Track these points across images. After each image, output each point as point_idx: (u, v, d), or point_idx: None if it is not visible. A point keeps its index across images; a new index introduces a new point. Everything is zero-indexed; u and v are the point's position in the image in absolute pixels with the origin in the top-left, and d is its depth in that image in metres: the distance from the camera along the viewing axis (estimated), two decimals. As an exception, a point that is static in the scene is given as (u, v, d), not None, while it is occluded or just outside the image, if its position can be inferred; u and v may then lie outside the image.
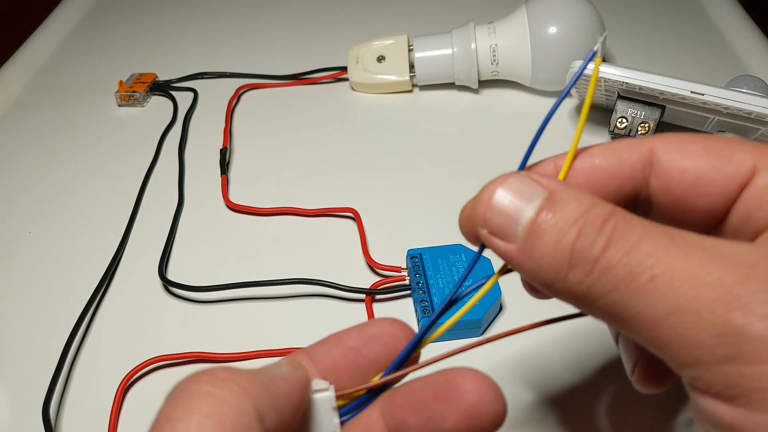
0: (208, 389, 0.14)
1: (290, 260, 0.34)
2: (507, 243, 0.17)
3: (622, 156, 0.18)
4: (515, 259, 0.17)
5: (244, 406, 0.14)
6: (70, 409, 0.29)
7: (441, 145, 0.41)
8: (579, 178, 0.18)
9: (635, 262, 0.15)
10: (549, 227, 0.16)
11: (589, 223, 0.15)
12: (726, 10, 0.52)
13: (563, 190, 0.16)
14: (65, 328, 0.31)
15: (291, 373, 0.17)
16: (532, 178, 0.17)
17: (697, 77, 0.35)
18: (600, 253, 0.15)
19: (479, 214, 0.17)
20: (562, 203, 0.16)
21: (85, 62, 0.51)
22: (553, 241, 0.16)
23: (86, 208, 0.38)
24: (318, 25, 0.54)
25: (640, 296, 0.14)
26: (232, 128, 0.44)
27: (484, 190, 0.17)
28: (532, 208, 0.16)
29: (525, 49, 0.41)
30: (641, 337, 0.15)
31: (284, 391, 0.16)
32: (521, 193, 0.17)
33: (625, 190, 0.18)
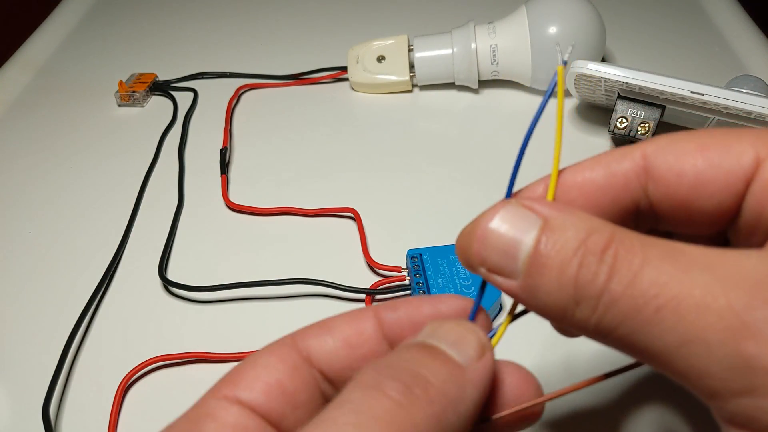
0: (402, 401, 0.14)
1: (290, 260, 0.34)
2: (508, 280, 0.16)
3: (612, 167, 0.17)
4: (519, 296, 0.16)
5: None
6: (70, 409, 0.29)
7: (441, 145, 0.41)
8: (571, 194, 0.17)
9: (639, 293, 0.14)
10: (549, 261, 0.15)
11: (590, 252, 0.14)
12: (726, 9, 0.52)
13: (558, 215, 0.15)
14: (65, 327, 0.31)
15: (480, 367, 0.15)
16: (524, 205, 0.16)
17: (697, 77, 0.35)
18: (603, 285, 0.14)
19: (474, 253, 0.16)
20: (560, 231, 0.15)
21: (85, 62, 0.51)
22: (555, 276, 0.15)
23: (86, 208, 0.38)
24: (318, 25, 0.54)
25: (648, 329, 0.14)
26: (232, 128, 0.44)
27: (476, 224, 0.16)
28: (528, 240, 0.15)
29: (525, 49, 0.41)
30: (660, 368, 0.14)
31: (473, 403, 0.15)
32: (515, 225, 0.15)
33: (622, 202, 0.17)
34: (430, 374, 0.14)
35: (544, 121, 0.46)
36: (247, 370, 0.16)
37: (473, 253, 0.16)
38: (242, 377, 0.16)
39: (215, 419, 0.15)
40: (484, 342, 0.16)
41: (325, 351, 0.17)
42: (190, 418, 0.15)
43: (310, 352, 0.17)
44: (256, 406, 0.16)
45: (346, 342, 0.17)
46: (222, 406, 0.15)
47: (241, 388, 0.16)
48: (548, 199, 0.16)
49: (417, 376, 0.14)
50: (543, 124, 0.46)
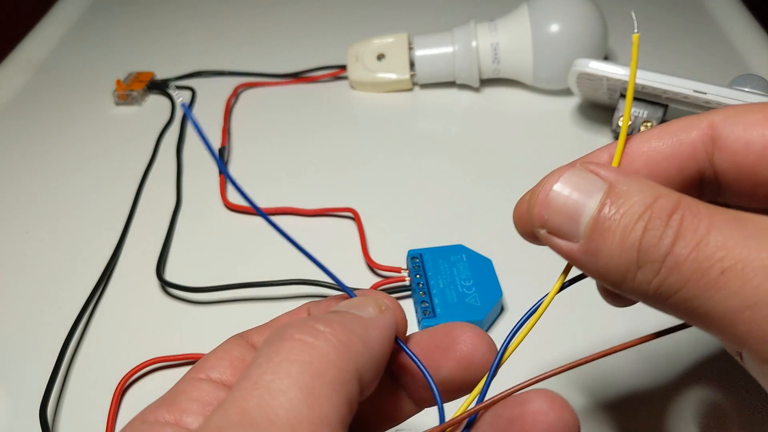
0: (311, 340, 0.14)
1: (289, 260, 0.34)
2: (569, 242, 0.16)
3: (680, 135, 0.17)
4: (579, 259, 0.16)
5: (344, 362, 0.14)
6: (67, 410, 0.28)
7: (442, 144, 0.41)
8: (636, 163, 0.18)
9: (704, 257, 0.14)
10: (613, 224, 0.15)
11: (656, 216, 0.14)
12: (729, 9, 0.52)
13: (624, 180, 0.15)
14: (63, 328, 0.31)
15: (379, 318, 0.16)
16: (589, 169, 0.16)
17: (700, 76, 0.34)
18: (668, 248, 0.14)
19: (536, 214, 0.16)
20: (625, 196, 0.15)
21: (82, 61, 0.51)
22: (618, 240, 0.15)
23: (84, 207, 0.38)
24: (317, 23, 0.53)
25: (711, 292, 0.14)
26: (230, 127, 0.43)
27: (540, 186, 0.16)
28: (592, 203, 0.15)
29: (526, 47, 0.41)
30: (717, 332, 0.14)
31: (378, 342, 0.16)
32: (580, 188, 0.16)
33: (687, 172, 0.17)
34: (335, 318, 0.15)
35: (545, 122, 0.45)
36: (209, 357, 0.17)
37: (535, 214, 0.16)
38: (207, 361, 0.17)
39: (188, 393, 0.16)
40: (383, 303, 0.17)
41: None
42: (166, 397, 0.16)
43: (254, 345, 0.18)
44: (225, 380, 0.16)
45: None
46: (193, 384, 0.16)
47: (207, 370, 0.17)
48: (615, 167, 0.16)
49: (320, 320, 0.15)
50: (545, 123, 0.45)
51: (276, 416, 0.13)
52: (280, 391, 0.13)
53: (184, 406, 0.15)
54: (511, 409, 0.16)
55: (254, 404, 0.13)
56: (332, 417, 0.13)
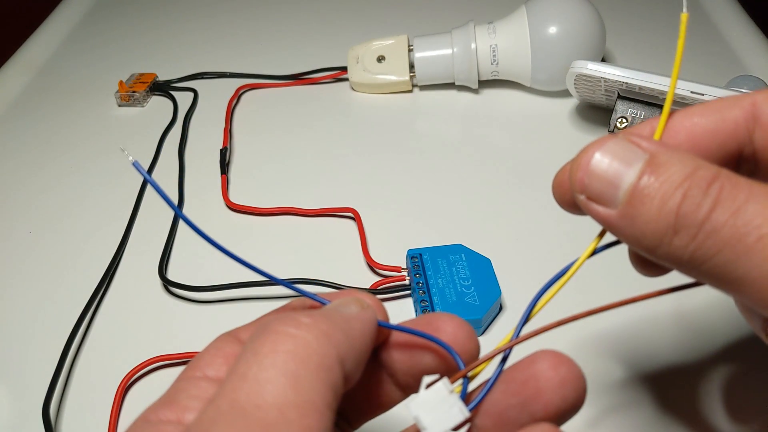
0: (294, 331, 0.15)
1: (290, 260, 0.34)
2: (607, 208, 0.16)
3: (724, 112, 0.18)
4: (616, 224, 0.16)
5: (326, 349, 0.15)
6: (70, 409, 0.29)
7: (441, 145, 0.41)
8: (679, 137, 0.18)
9: (742, 223, 0.14)
10: (652, 191, 0.15)
11: (695, 185, 0.15)
12: (726, 10, 0.52)
13: (665, 152, 0.16)
14: (65, 327, 0.31)
15: (361, 313, 0.17)
16: (631, 140, 0.16)
17: (697, 77, 0.35)
18: (706, 215, 0.15)
19: (577, 179, 0.17)
20: (665, 166, 0.15)
21: (85, 62, 0.51)
22: (657, 206, 0.15)
23: (86, 208, 0.38)
24: (318, 25, 0.54)
25: (747, 257, 0.14)
26: (232, 128, 0.44)
27: (582, 154, 0.17)
28: (633, 171, 0.16)
29: (525, 49, 0.41)
30: (750, 298, 0.15)
31: (359, 333, 0.16)
32: (621, 157, 0.16)
33: (728, 148, 0.18)
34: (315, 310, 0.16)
35: (543, 123, 0.45)
36: (203, 355, 0.18)
37: (576, 179, 0.17)
38: (201, 360, 0.17)
39: (187, 391, 0.16)
40: (364, 302, 0.17)
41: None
42: (165, 396, 0.17)
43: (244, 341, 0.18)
44: (221, 376, 0.17)
45: None
46: (191, 382, 0.17)
47: (202, 368, 0.17)
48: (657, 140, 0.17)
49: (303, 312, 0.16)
50: (543, 124, 0.46)
51: (264, 402, 0.13)
52: (267, 381, 0.14)
53: (184, 403, 0.16)
54: (522, 371, 0.17)
55: (243, 394, 0.14)
56: (318, 401, 0.14)
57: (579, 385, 0.17)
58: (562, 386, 0.16)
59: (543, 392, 0.17)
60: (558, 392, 0.16)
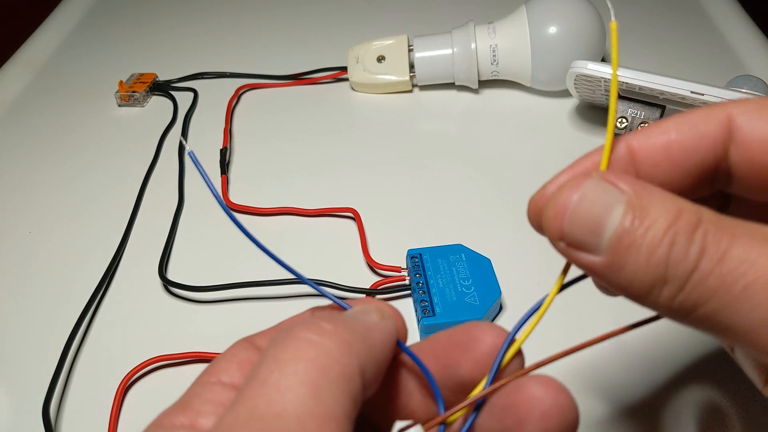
0: (316, 339, 0.15)
1: (290, 260, 0.34)
2: (590, 255, 0.15)
3: (700, 128, 0.17)
4: (602, 273, 0.15)
5: (347, 359, 0.15)
6: (70, 409, 0.29)
7: (441, 145, 0.41)
8: (656, 157, 0.17)
9: (727, 271, 0.14)
10: (639, 239, 0.15)
11: (681, 232, 0.14)
12: (726, 9, 0.52)
13: (645, 194, 0.15)
14: (65, 327, 0.31)
15: (381, 323, 0.17)
16: (607, 180, 0.16)
17: (697, 77, 0.35)
18: (694, 264, 0.14)
19: (555, 228, 0.16)
20: (648, 210, 0.15)
21: (85, 62, 0.51)
22: (645, 256, 0.15)
23: (86, 208, 0.38)
24: (318, 25, 0.54)
25: (735, 306, 0.14)
26: (232, 128, 0.44)
27: (557, 198, 0.16)
28: (615, 217, 0.15)
29: (525, 49, 0.41)
30: (741, 345, 0.14)
31: (379, 343, 0.16)
32: (599, 201, 0.15)
33: (705, 164, 0.17)
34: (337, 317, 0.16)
35: (543, 123, 0.45)
36: (219, 360, 0.17)
37: (553, 227, 0.16)
38: (217, 365, 0.17)
39: (201, 396, 0.16)
40: (385, 312, 0.17)
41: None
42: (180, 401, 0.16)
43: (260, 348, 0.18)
44: (236, 383, 0.16)
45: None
46: (206, 388, 0.16)
47: (218, 374, 0.17)
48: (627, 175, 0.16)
49: (325, 318, 0.15)
50: (543, 124, 0.46)
51: (284, 411, 0.13)
52: (288, 389, 0.14)
53: (197, 408, 0.16)
54: (506, 398, 0.16)
55: (263, 402, 0.14)
56: (338, 411, 0.14)
57: (568, 416, 0.16)
58: (545, 418, 0.15)
59: (525, 422, 0.16)
60: (540, 424, 0.15)
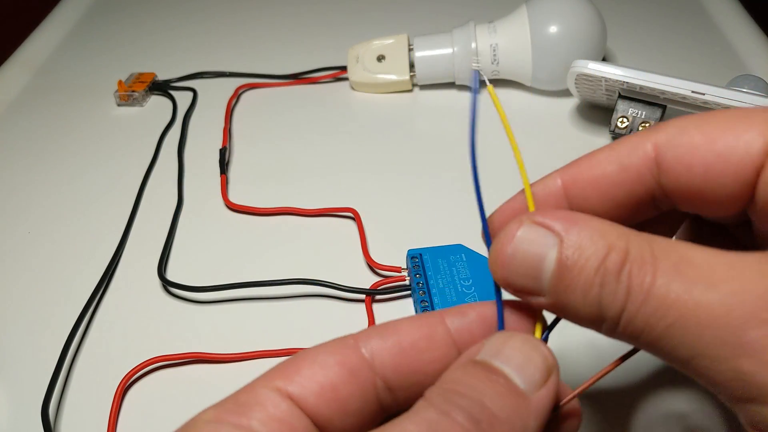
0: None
1: (290, 260, 0.34)
2: (538, 297, 0.16)
3: (623, 161, 0.18)
4: (553, 311, 0.16)
5: None
6: (69, 409, 0.28)
7: (441, 145, 0.41)
8: (586, 191, 0.18)
9: (650, 312, 0.14)
10: (572, 282, 0.15)
11: (609, 272, 0.15)
12: (727, 9, 0.52)
13: (574, 231, 0.15)
14: (65, 328, 0.31)
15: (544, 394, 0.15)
16: (538, 223, 0.16)
17: (698, 77, 0.35)
18: (622, 305, 0.15)
19: (500, 278, 0.16)
20: (579, 249, 0.15)
21: (84, 62, 0.51)
22: (580, 297, 0.15)
23: (85, 208, 0.38)
24: (317, 25, 0.54)
25: (662, 343, 0.15)
26: (231, 128, 0.43)
27: (494, 248, 0.16)
28: (549, 261, 0.15)
29: (525, 48, 0.41)
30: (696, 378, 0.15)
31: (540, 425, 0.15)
32: (533, 248, 0.16)
33: (637, 193, 0.18)
34: (496, 407, 0.14)
35: (543, 122, 0.45)
36: (303, 367, 0.16)
37: (498, 277, 0.16)
38: (298, 372, 0.16)
39: (264, 409, 0.15)
40: (551, 364, 0.16)
41: (390, 356, 0.17)
42: (240, 401, 0.15)
43: (374, 357, 0.17)
44: (306, 405, 0.15)
45: (414, 348, 0.17)
46: (273, 397, 0.15)
47: (294, 384, 0.16)
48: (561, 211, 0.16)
49: (484, 408, 0.14)
50: (543, 124, 0.45)
51: None
52: None
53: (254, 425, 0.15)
54: None
55: None
56: None
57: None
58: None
59: None
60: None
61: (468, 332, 0.17)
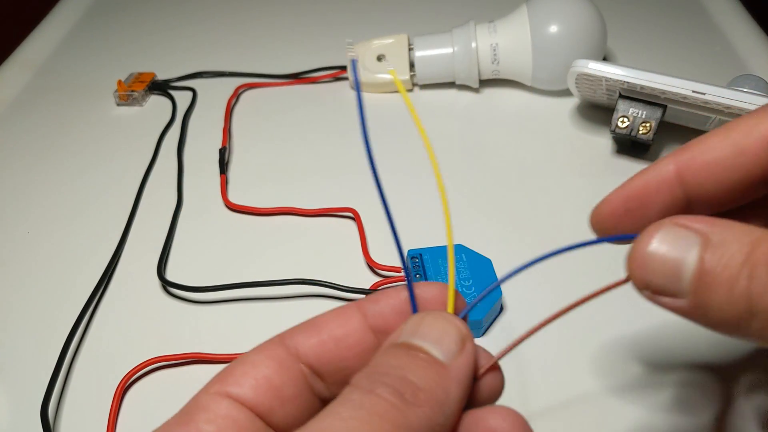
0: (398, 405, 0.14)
1: (290, 260, 0.34)
2: (675, 299, 0.16)
3: (740, 144, 0.18)
4: (690, 314, 0.16)
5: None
6: (68, 409, 0.28)
7: (441, 145, 0.41)
8: (701, 176, 0.18)
9: None
10: (717, 277, 0.15)
11: (758, 263, 0.15)
12: (727, 9, 0.52)
13: (717, 231, 0.15)
14: (64, 328, 0.31)
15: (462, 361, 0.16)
16: (679, 224, 0.16)
17: (699, 76, 0.35)
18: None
19: (638, 278, 0.16)
20: (723, 246, 0.15)
21: (83, 62, 0.51)
22: (725, 292, 0.15)
23: (85, 208, 0.38)
24: (317, 24, 0.54)
25: None
26: (231, 128, 0.43)
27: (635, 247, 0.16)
28: (691, 259, 0.15)
29: (526, 48, 0.41)
30: None
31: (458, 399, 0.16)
32: (675, 245, 0.16)
33: (752, 175, 0.18)
34: (418, 379, 0.15)
35: (544, 122, 0.45)
36: (236, 368, 0.17)
37: (636, 278, 0.16)
38: (231, 374, 0.17)
39: (207, 411, 0.16)
40: (464, 334, 0.16)
41: (312, 347, 0.18)
42: (185, 411, 0.16)
43: (298, 349, 0.18)
44: (245, 400, 0.16)
45: (332, 337, 0.18)
46: (213, 399, 0.16)
47: (230, 384, 0.17)
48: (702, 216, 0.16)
49: (406, 382, 0.15)
50: (544, 123, 0.45)
51: None
52: None
53: (200, 426, 0.16)
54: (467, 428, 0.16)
55: None
56: None
57: None
58: None
59: None
60: None
61: (381, 317, 0.18)
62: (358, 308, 0.18)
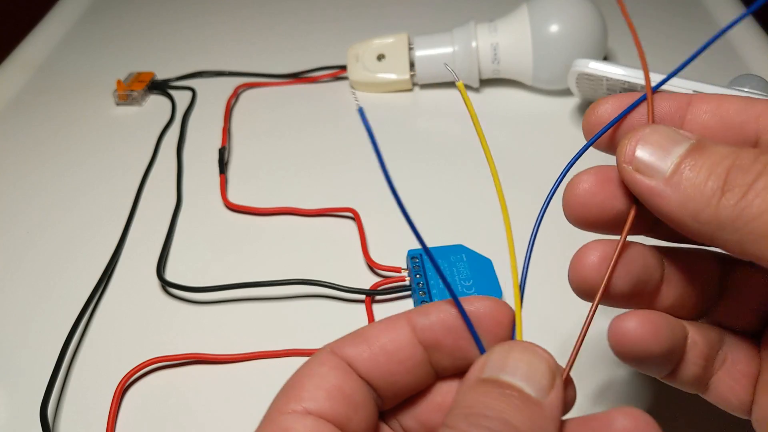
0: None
1: (290, 260, 0.34)
2: (651, 179, 0.17)
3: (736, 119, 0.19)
4: (661, 192, 0.17)
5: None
6: (67, 410, 0.28)
7: (441, 145, 0.41)
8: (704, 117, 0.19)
9: None
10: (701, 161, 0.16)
11: (743, 156, 0.16)
12: (728, 9, 0.52)
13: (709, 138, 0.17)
14: (63, 328, 0.31)
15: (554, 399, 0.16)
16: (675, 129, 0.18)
17: (699, 76, 0.35)
18: (760, 172, 0.15)
19: (627, 151, 0.17)
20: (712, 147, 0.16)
21: (82, 61, 0.51)
22: (705, 172, 0.16)
23: (84, 207, 0.38)
24: (317, 23, 0.53)
25: None
26: (230, 127, 0.43)
27: (633, 133, 0.18)
28: (682, 146, 0.17)
29: (526, 47, 0.41)
30: None
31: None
32: (670, 135, 0.17)
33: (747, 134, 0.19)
34: (517, 421, 0.15)
35: (544, 122, 0.45)
36: (305, 382, 0.17)
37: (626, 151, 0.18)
38: (303, 389, 0.17)
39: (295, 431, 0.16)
40: (553, 367, 0.16)
41: (364, 360, 0.17)
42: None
43: (349, 361, 0.17)
44: (324, 413, 0.16)
45: (383, 350, 0.18)
46: (295, 419, 0.16)
47: (305, 400, 0.16)
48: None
49: (508, 425, 0.15)
50: (544, 123, 0.45)
51: None
52: None
53: None
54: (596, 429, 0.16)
55: None
56: None
57: None
58: None
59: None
60: None
61: (431, 331, 0.18)
62: (408, 320, 0.18)
